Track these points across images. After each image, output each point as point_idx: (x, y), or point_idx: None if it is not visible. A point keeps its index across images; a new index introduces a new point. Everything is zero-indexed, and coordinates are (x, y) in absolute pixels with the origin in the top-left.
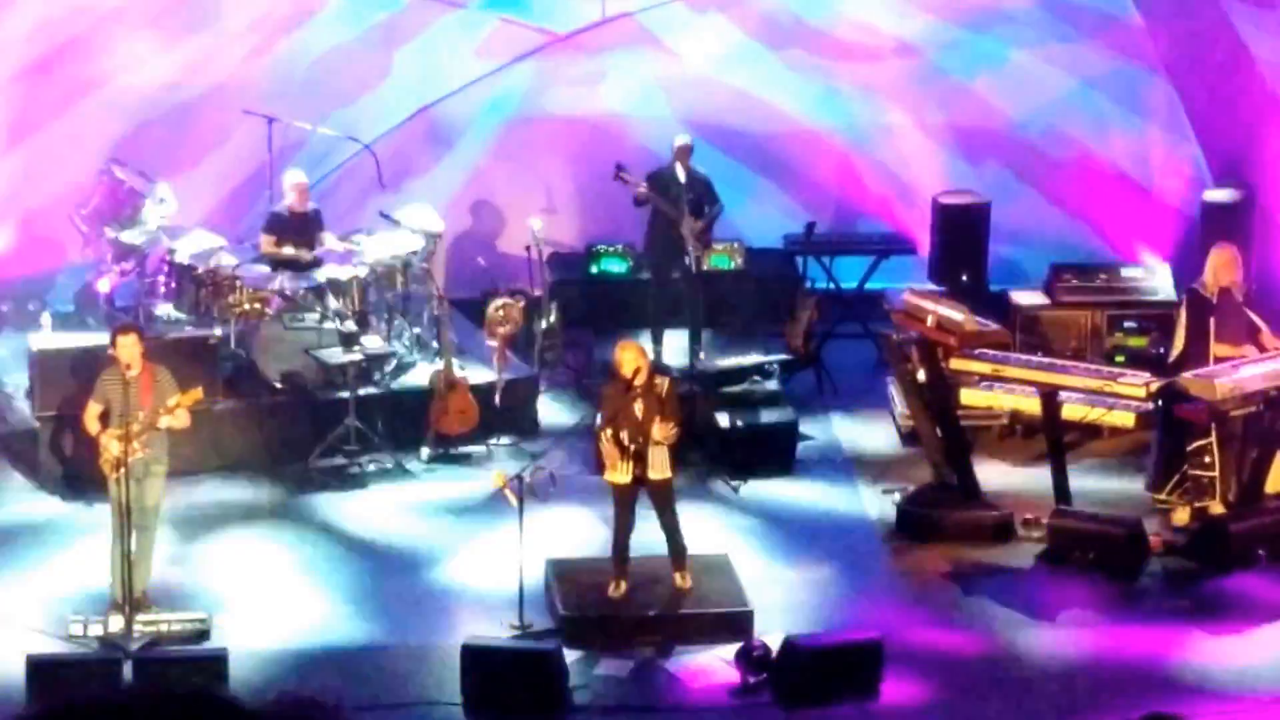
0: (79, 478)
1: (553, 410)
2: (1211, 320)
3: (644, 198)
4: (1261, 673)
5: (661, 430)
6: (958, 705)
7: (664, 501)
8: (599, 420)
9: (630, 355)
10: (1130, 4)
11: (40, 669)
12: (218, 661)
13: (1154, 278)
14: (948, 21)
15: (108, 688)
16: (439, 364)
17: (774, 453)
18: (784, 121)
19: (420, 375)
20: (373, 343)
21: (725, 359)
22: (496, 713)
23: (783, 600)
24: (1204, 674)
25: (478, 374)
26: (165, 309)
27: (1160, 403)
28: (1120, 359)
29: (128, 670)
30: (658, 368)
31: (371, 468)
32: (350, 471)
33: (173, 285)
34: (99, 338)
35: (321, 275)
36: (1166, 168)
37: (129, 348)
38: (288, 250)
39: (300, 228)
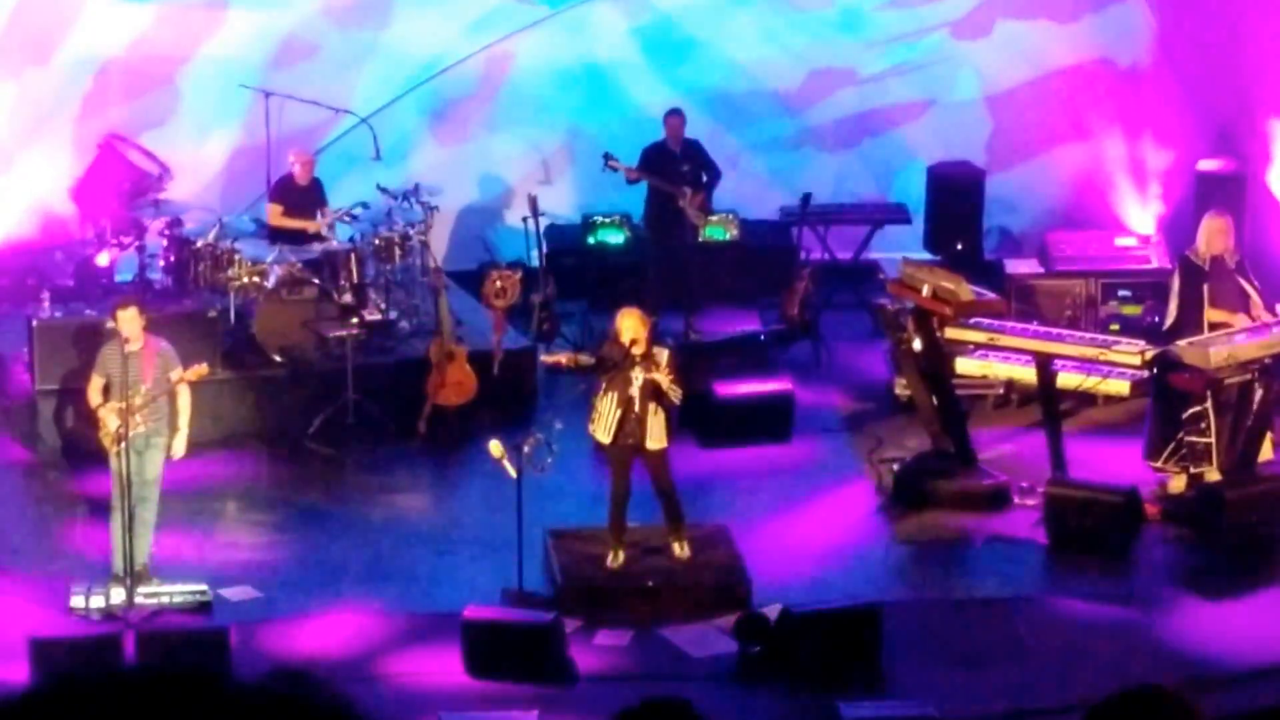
0: (79, 450)
1: (550, 381)
2: (1205, 288)
3: (636, 180)
4: (1256, 642)
5: (662, 377)
6: (955, 672)
7: (660, 471)
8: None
9: (630, 323)
10: None
11: (42, 641)
12: (219, 634)
13: (1148, 246)
14: None
15: (107, 665)
16: (436, 336)
17: (770, 423)
18: (779, 92)
19: (417, 347)
20: (371, 315)
21: (721, 330)
22: (496, 682)
23: (780, 570)
24: (1199, 644)
25: (475, 346)
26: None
27: (1155, 371)
28: (1115, 327)
29: (129, 642)
30: (657, 339)
31: (369, 439)
32: (348, 443)
33: (172, 259)
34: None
35: (319, 248)
36: (1160, 137)
37: (130, 321)
38: (297, 221)
39: (304, 199)
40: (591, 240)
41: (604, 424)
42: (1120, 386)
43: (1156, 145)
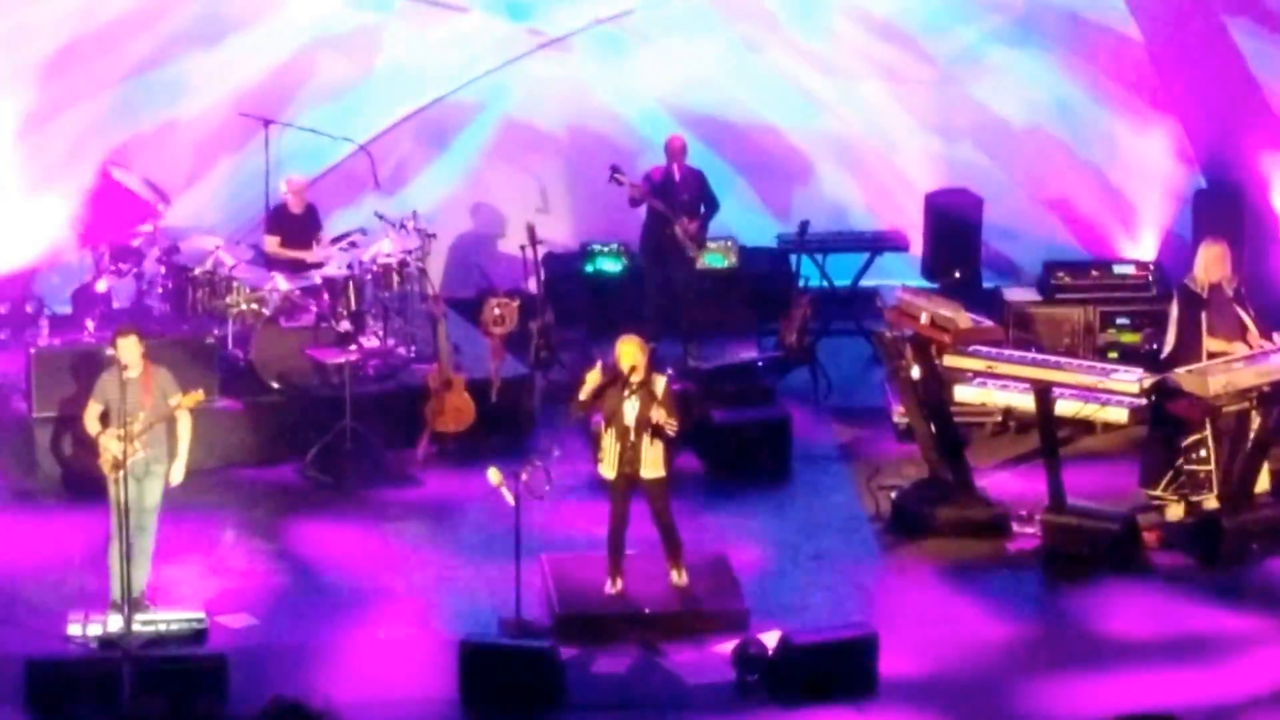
0: (78, 478)
1: (548, 409)
2: (1204, 315)
3: (640, 198)
4: (1255, 670)
5: (659, 412)
6: (952, 701)
7: (658, 499)
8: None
9: (629, 350)
10: (1122, 2)
11: (39, 668)
12: (216, 661)
13: (1146, 274)
14: (942, 19)
15: (103, 693)
16: (435, 364)
17: (768, 450)
18: (777, 120)
19: (415, 374)
20: (369, 342)
21: (719, 357)
22: (492, 710)
23: (778, 597)
24: (1197, 671)
25: (473, 373)
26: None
27: (1153, 399)
28: (1113, 355)
29: (126, 670)
30: (655, 366)
31: (367, 467)
32: (345, 471)
33: (170, 286)
34: (97, 339)
35: (317, 275)
36: (1158, 164)
37: (129, 349)
38: (292, 251)
39: (300, 227)
40: (590, 268)
41: (609, 459)
42: (1118, 414)
43: (1154, 172)
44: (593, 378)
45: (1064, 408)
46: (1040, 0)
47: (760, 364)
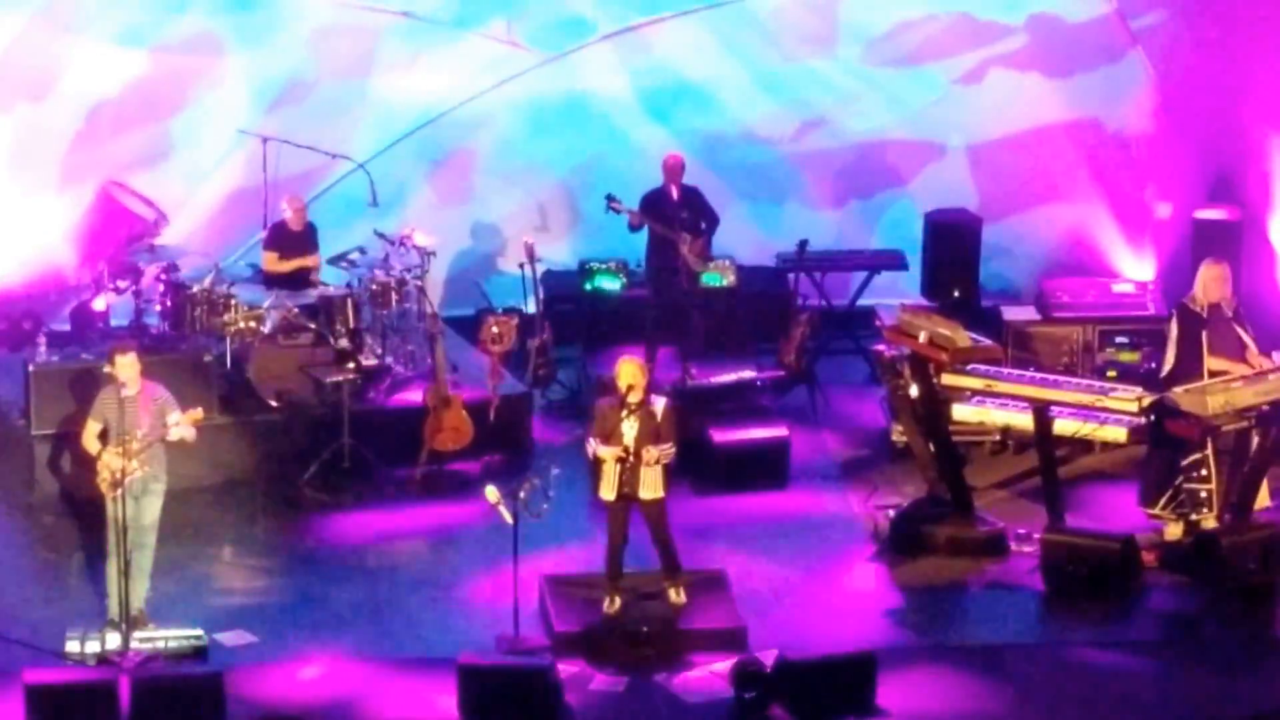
0: (76, 496)
1: (547, 427)
2: (1204, 335)
3: (639, 223)
4: (1252, 691)
5: (650, 453)
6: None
7: (656, 520)
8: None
9: (627, 370)
10: (1121, 21)
11: (37, 686)
12: (214, 679)
13: (1145, 293)
14: (941, 39)
15: (101, 711)
16: (433, 382)
17: (767, 469)
18: (776, 138)
19: (414, 393)
20: (366, 360)
21: (718, 375)
22: None
23: (776, 616)
24: (1195, 691)
25: (471, 391)
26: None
27: (1152, 418)
28: (1112, 374)
29: (124, 688)
30: (655, 388)
31: (365, 485)
32: (344, 488)
33: (168, 304)
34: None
35: (315, 293)
36: (1157, 185)
37: (128, 367)
38: (294, 262)
39: (299, 245)
40: (588, 286)
41: (608, 481)
42: (1117, 433)
43: (1153, 193)
44: (609, 454)
45: (1062, 427)
46: (1043, 23)
47: (759, 383)
